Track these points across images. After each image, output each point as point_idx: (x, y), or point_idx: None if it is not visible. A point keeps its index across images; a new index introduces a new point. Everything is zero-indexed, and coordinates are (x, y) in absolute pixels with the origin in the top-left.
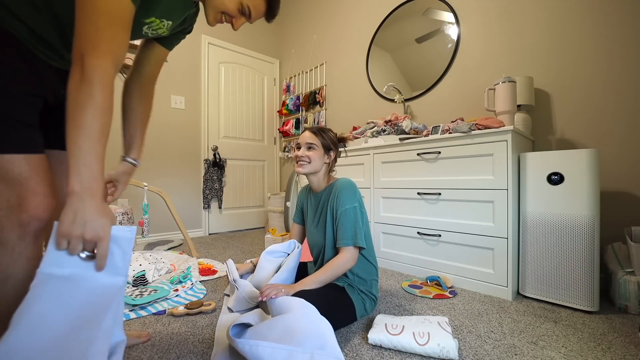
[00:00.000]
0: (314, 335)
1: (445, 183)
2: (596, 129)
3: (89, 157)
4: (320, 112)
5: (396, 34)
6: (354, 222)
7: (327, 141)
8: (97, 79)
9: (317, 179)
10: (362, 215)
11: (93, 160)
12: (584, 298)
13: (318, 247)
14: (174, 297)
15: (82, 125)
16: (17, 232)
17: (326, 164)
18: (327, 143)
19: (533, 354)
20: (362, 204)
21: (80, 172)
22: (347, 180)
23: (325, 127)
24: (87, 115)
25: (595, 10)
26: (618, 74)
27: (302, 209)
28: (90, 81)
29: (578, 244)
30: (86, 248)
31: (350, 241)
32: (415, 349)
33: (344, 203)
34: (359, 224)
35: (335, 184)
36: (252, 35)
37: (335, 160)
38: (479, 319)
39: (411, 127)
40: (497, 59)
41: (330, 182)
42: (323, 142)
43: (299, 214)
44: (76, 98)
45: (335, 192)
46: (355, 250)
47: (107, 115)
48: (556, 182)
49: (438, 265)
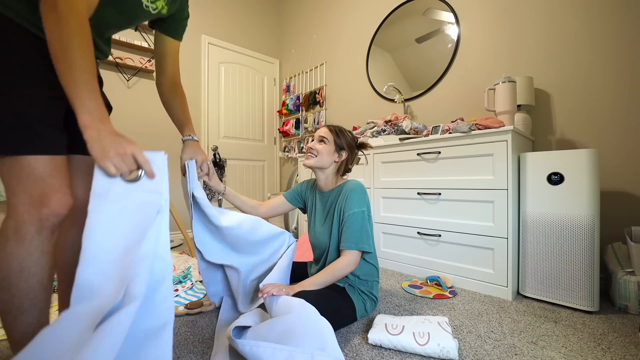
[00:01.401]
0: (314, 335)
1: (445, 183)
2: (596, 128)
3: (89, 90)
4: (320, 112)
5: (396, 34)
6: (361, 226)
7: (341, 140)
8: (74, 17)
9: (325, 176)
10: (368, 220)
11: (92, 91)
12: (584, 298)
13: (322, 248)
14: (174, 297)
15: (73, 64)
16: (36, 227)
17: (335, 163)
18: (341, 142)
19: (533, 354)
20: (370, 208)
21: (85, 104)
22: (358, 182)
23: (345, 129)
24: (75, 53)
25: (595, 10)
26: (618, 74)
27: (303, 200)
28: (68, 20)
29: (578, 244)
30: (126, 163)
31: (353, 245)
32: (416, 349)
33: (352, 206)
34: (366, 228)
35: (345, 185)
36: (252, 35)
37: (347, 162)
38: (479, 319)
39: (411, 127)
40: (497, 59)
41: (339, 183)
42: (336, 139)
43: (295, 195)
44: (59, 38)
45: (345, 193)
46: (358, 254)
47: (91, 50)
48: (556, 182)
49: (438, 265)
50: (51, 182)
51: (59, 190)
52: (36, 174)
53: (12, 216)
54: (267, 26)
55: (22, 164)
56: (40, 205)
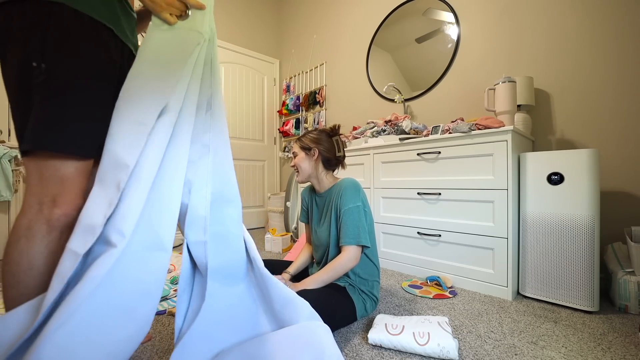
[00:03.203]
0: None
1: (445, 183)
2: (596, 128)
3: None
4: (320, 112)
5: (396, 34)
6: (357, 221)
7: (304, 142)
8: None
9: (317, 180)
10: (366, 215)
11: None
12: (584, 298)
13: (323, 247)
14: (174, 297)
15: None
16: (47, 227)
17: (315, 163)
18: (305, 144)
19: (533, 354)
20: (366, 204)
21: None
22: (351, 179)
23: (310, 130)
24: None
25: (595, 10)
26: (618, 74)
27: (307, 209)
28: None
29: (578, 244)
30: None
31: (352, 240)
32: (416, 349)
33: (346, 202)
34: (362, 222)
35: (339, 184)
36: (252, 35)
37: (326, 156)
38: (479, 319)
39: (411, 127)
40: (497, 59)
41: (334, 182)
42: (301, 145)
43: (304, 213)
44: None
45: (339, 191)
46: (358, 249)
47: None
48: (556, 182)
49: (438, 265)
50: (68, 184)
51: (73, 192)
52: (58, 175)
53: (25, 215)
54: (267, 26)
55: (49, 164)
56: (52, 205)
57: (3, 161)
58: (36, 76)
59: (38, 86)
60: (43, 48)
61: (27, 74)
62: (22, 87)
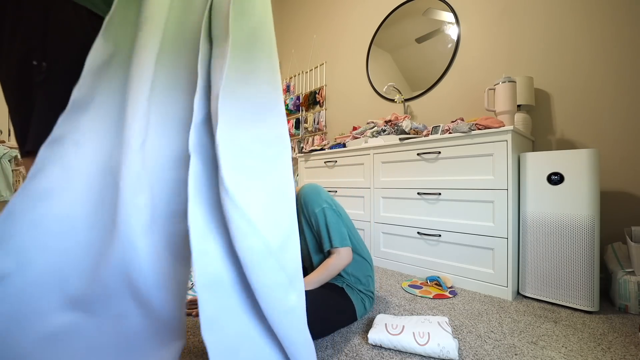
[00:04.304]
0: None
1: (445, 183)
2: (596, 128)
3: None
4: (320, 112)
5: (396, 34)
6: (326, 224)
7: None
8: None
9: None
10: (335, 213)
11: None
12: (584, 298)
13: (306, 257)
14: None
15: None
16: None
17: None
18: None
19: (533, 354)
20: (333, 202)
21: None
22: (309, 185)
23: None
24: None
25: (595, 9)
26: (618, 74)
27: None
28: None
29: (578, 244)
30: None
31: (337, 242)
32: (416, 349)
33: (312, 209)
34: (332, 223)
35: (299, 194)
36: None
37: None
38: (479, 319)
39: (411, 127)
40: (497, 59)
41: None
42: None
43: None
44: None
45: (302, 202)
46: (344, 249)
47: None
48: (556, 182)
49: (438, 265)
50: None
51: None
52: None
53: None
54: None
55: None
56: None
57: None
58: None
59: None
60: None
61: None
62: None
